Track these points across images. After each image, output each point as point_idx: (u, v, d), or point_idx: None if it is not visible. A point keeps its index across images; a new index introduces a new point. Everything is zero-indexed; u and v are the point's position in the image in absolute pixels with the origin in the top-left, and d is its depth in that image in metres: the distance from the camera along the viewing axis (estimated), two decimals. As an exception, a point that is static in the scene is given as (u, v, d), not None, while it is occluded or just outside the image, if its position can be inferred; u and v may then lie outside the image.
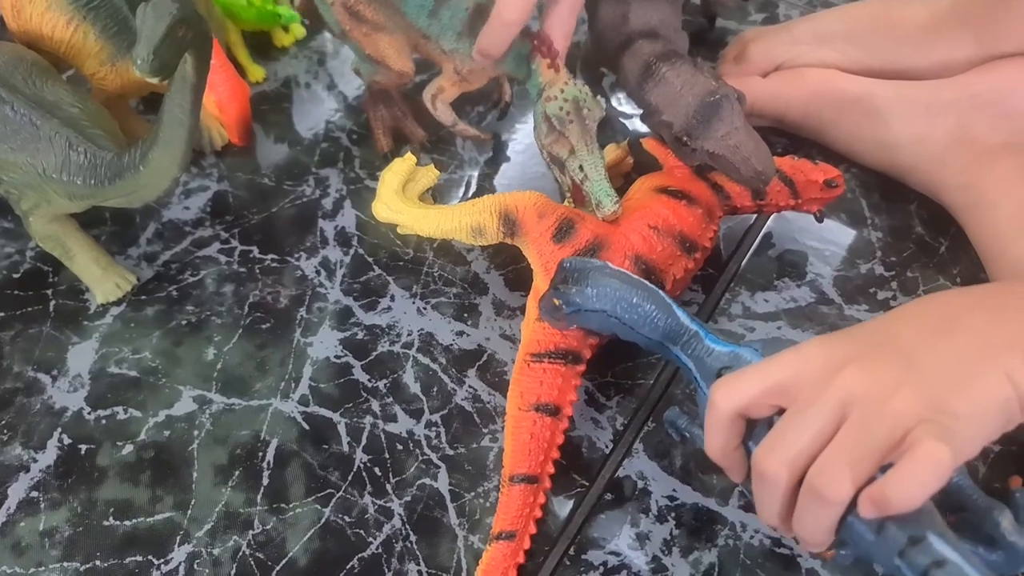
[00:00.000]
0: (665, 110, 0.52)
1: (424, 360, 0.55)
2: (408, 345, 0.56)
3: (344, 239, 0.61)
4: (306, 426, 0.52)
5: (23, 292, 0.59)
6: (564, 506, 0.49)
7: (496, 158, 0.66)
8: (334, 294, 0.58)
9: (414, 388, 0.54)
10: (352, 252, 0.60)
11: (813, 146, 0.64)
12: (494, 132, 0.67)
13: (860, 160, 0.63)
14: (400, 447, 0.51)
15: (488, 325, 0.56)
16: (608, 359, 0.53)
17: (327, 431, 0.52)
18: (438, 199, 0.63)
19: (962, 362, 0.36)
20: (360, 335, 0.56)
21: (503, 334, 0.56)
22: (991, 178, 0.56)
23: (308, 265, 0.60)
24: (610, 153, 0.60)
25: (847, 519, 0.36)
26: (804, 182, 0.54)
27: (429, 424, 0.52)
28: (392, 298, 0.58)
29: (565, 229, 0.50)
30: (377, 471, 0.50)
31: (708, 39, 0.73)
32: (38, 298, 0.59)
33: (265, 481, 0.50)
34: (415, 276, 0.59)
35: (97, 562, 0.47)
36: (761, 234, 0.60)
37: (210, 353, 0.56)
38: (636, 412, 0.52)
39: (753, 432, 0.39)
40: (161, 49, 0.41)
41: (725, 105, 0.50)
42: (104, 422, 0.53)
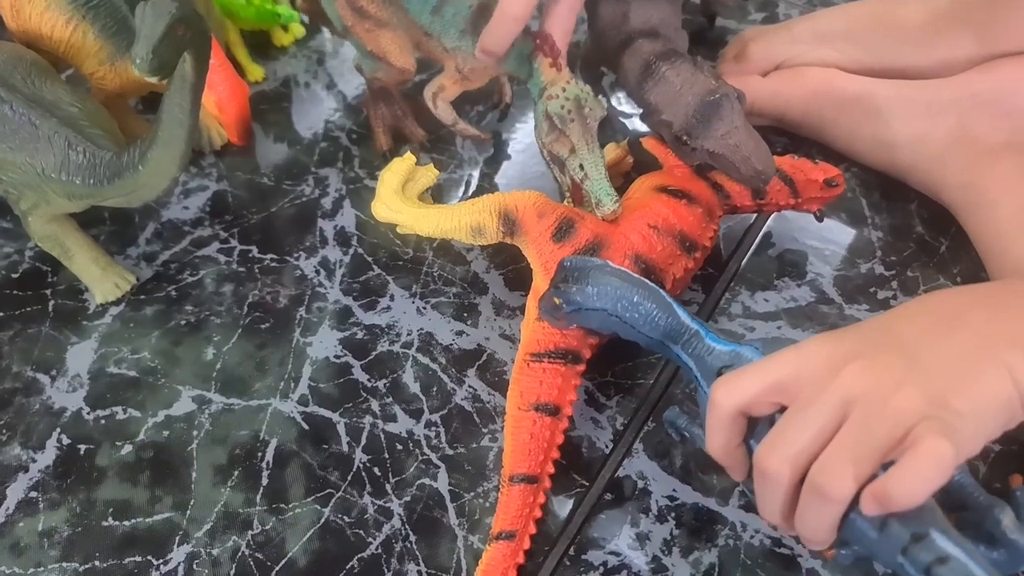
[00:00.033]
0: (665, 109, 0.52)
1: (424, 360, 0.55)
2: (408, 345, 0.55)
3: (343, 239, 0.61)
4: (305, 426, 0.52)
5: (22, 292, 0.59)
6: (564, 506, 0.49)
7: (496, 157, 0.66)
8: (333, 294, 0.58)
9: (414, 388, 0.54)
10: (351, 252, 0.60)
11: (813, 145, 0.64)
12: (494, 131, 0.67)
13: (860, 159, 0.62)
14: (400, 447, 0.51)
15: (488, 325, 0.56)
16: (608, 359, 0.53)
17: (326, 431, 0.52)
18: (437, 199, 0.63)
19: (963, 360, 0.36)
20: (360, 335, 0.56)
21: (503, 334, 0.56)
22: (992, 177, 0.56)
23: (307, 265, 0.60)
24: (610, 152, 0.60)
25: (849, 517, 0.36)
26: (804, 181, 0.54)
27: (429, 424, 0.52)
28: (392, 298, 0.58)
29: (565, 228, 0.50)
30: (377, 471, 0.50)
31: (708, 38, 0.73)
32: (37, 298, 0.58)
33: (264, 481, 0.50)
34: (415, 276, 0.59)
35: (96, 562, 0.47)
36: (761, 233, 0.60)
37: (209, 353, 0.55)
38: (636, 412, 0.52)
39: (754, 430, 0.39)
40: (160, 48, 0.41)
41: (725, 104, 0.50)
42: (103, 422, 0.53)
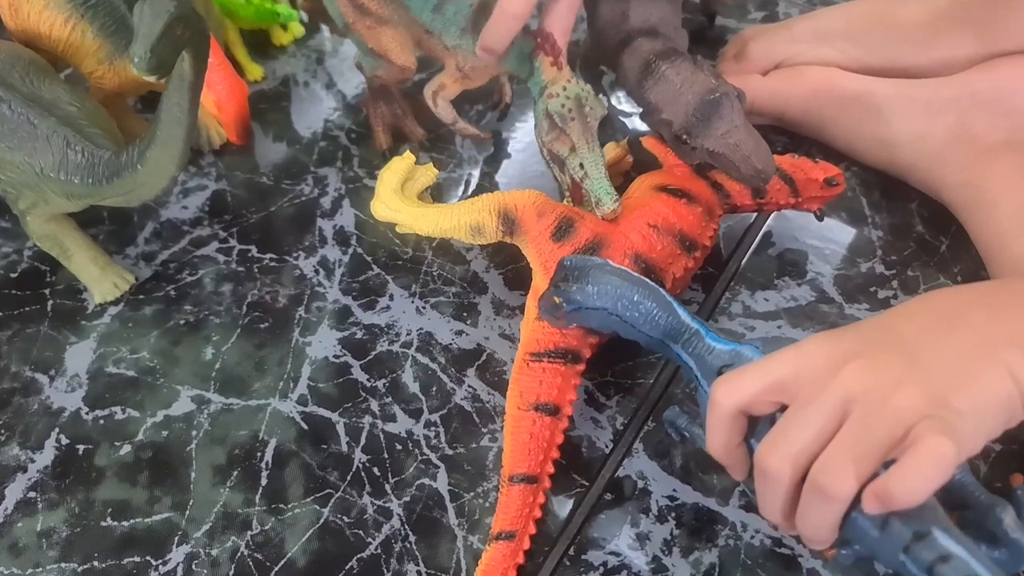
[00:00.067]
0: (665, 108, 0.52)
1: (423, 360, 0.55)
2: (407, 344, 0.55)
3: (343, 238, 0.61)
4: (305, 426, 0.52)
5: (21, 292, 0.59)
6: (564, 506, 0.49)
7: (496, 157, 0.66)
8: (333, 293, 0.58)
9: (413, 388, 0.53)
10: (351, 251, 0.60)
11: (813, 144, 0.64)
12: (494, 131, 0.67)
13: (860, 158, 0.62)
14: (399, 447, 0.51)
15: (487, 324, 0.56)
16: (608, 358, 0.53)
17: (326, 431, 0.52)
18: (437, 198, 0.63)
19: (963, 358, 0.36)
20: (359, 334, 0.56)
21: (502, 333, 0.56)
22: (992, 176, 0.56)
23: (307, 264, 0.60)
24: (610, 152, 0.59)
25: (851, 516, 0.35)
26: (804, 180, 0.54)
27: (428, 424, 0.52)
28: (391, 297, 0.58)
29: (564, 228, 0.50)
30: (376, 471, 0.50)
31: (708, 37, 0.73)
32: (36, 298, 0.58)
33: (264, 481, 0.50)
34: (414, 275, 0.59)
35: (95, 563, 0.47)
36: (761, 233, 0.60)
37: (208, 353, 0.55)
38: (636, 411, 0.52)
39: (755, 430, 0.39)
40: (158, 47, 0.41)
41: (725, 103, 0.50)
42: (102, 422, 0.53)
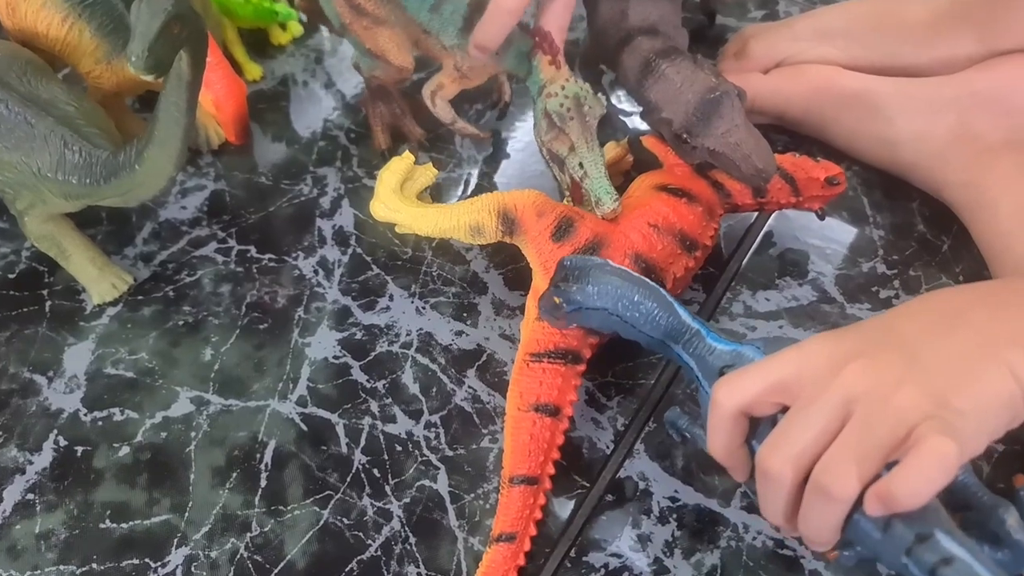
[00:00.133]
0: (665, 107, 0.52)
1: (423, 360, 0.54)
2: (407, 345, 0.55)
3: (342, 238, 0.61)
4: (304, 427, 0.52)
5: (19, 292, 0.58)
6: (565, 507, 0.48)
7: (495, 156, 0.66)
8: (332, 294, 0.58)
9: (413, 388, 0.53)
10: (350, 251, 0.60)
11: (814, 143, 0.64)
12: (493, 130, 0.67)
13: (861, 157, 0.62)
14: (399, 448, 0.51)
15: (487, 325, 0.56)
16: (609, 359, 0.53)
17: (325, 432, 0.52)
18: (436, 198, 0.63)
19: (965, 358, 0.36)
20: (358, 335, 0.56)
21: (502, 334, 0.55)
22: (992, 175, 0.56)
23: (306, 265, 0.59)
24: (610, 151, 0.59)
25: (853, 517, 0.35)
26: (805, 180, 0.54)
27: (428, 425, 0.52)
28: (391, 298, 0.58)
29: (564, 227, 0.50)
30: (376, 472, 0.50)
31: (708, 36, 0.73)
32: (34, 298, 0.58)
33: (263, 483, 0.50)
34: (414, 275, 0.59)
35: (93, 565, 0.47)
36: (762, 232, 0.60)
37: (207, 354, 0.55)
38: (637, 412, 0.52)
39: (756, 431, 0.39)
40: (156, 46, 0.41)
41: (725, 102, 0.50)
42: (100, 424, 0.52)
